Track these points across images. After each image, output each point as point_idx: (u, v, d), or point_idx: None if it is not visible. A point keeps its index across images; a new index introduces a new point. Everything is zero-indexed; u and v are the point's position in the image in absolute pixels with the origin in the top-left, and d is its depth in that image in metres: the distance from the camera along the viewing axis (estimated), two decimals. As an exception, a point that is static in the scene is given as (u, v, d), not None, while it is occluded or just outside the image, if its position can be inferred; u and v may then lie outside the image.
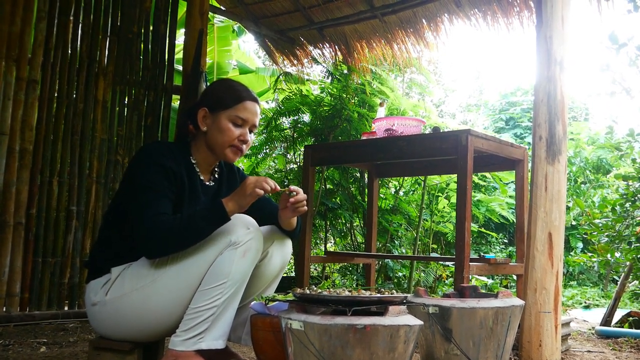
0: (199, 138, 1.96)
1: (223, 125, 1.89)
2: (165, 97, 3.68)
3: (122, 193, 1.88)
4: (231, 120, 1.90)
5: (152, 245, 1.73)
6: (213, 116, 1.91)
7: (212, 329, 1.76)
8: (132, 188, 1.80)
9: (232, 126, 1.90)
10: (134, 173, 1.83)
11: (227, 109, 1.90)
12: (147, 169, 1.80)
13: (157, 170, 1.79)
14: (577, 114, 13.50)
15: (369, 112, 4.87)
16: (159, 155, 1.83)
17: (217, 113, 1.91)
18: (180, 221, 1.72)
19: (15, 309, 2.98)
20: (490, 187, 6.72)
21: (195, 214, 1.73)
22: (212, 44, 6.86)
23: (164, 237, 1.71)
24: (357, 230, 5.29)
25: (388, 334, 1.45)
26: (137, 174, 1.81)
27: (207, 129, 1.92)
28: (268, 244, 1.98)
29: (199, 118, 1.92)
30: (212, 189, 2.01)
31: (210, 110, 1.92)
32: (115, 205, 1.92)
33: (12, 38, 3.00)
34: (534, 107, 2.45)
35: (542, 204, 2.34)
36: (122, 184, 1.93)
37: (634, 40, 3.24)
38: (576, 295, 6.12)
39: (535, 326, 2.29)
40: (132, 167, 1.87)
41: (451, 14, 4.02)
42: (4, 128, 2.96)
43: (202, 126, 1.92)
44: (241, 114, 1.91)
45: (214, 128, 1.90)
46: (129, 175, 1.87)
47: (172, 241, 1.72)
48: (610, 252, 3.44)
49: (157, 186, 1.77)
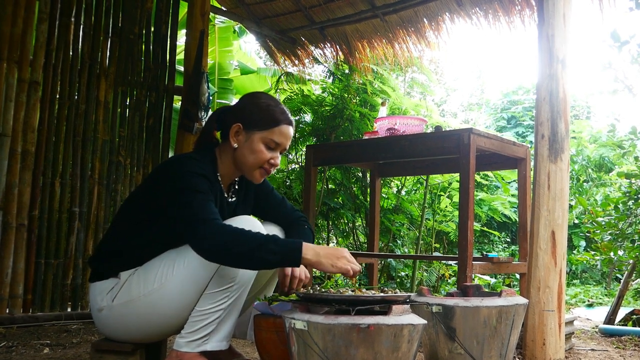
0: (226, 151, 1.89)
1: (256, 147, 1.83)
2: (167, 98, 3.68)
3: (141, 202, 1.84)
4: (265, 143, 1.84)
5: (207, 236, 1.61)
6: (246, 134, 1.84)
7: (217, 331, 1.76)
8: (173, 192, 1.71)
9: (265, 148, 1.84)
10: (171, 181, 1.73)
11: (263, 131, 1.83)
12: (186, 175, 1.72)
13: (199, 177, 1.73)
14: (579, 112, 13.48)
15: (371, 111, 4.87)
16: (193, 166, 1.75)
17: (252, 132, 1.84)
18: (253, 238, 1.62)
19: (19, 310, 2.98)
20: (493, 185, 6.72)
21: (269, 241, 1.63)
22: (213, 45, 6.86)
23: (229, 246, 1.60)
24: (360, 230, 5.29)
25: (392, 334, 1.44)
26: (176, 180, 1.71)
27: (239, 146, 1.85)
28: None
29: (232, 133, 1.85)
30: (232, 204, 1.96)
31: (245, 128, 1.84)
32: (127, 213, 1.88)
33: (14, 40, 3.01)
34: (536, 105, 2.45)
35: (545, 203, 2.34)
36: (138, 194, 1.88)
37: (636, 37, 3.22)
38: (579, 293, 6.11)
39: (539, 325, 2.28)
40: (163, 176, 1.78)
41: (452, 13, 4.02)
42: (6, 130, 2.96)
43: (233, 142, 1.85)
44: (276, 138, 1.84)
45: (246, 147, 1.84)
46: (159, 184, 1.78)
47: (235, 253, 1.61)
48: (614, 251, 3.43)
49: (202, 188, 1.70)
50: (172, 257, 1.78)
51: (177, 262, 1.76)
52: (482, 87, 16.97)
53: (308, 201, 3.35)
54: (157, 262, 1.79)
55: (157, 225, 1.79)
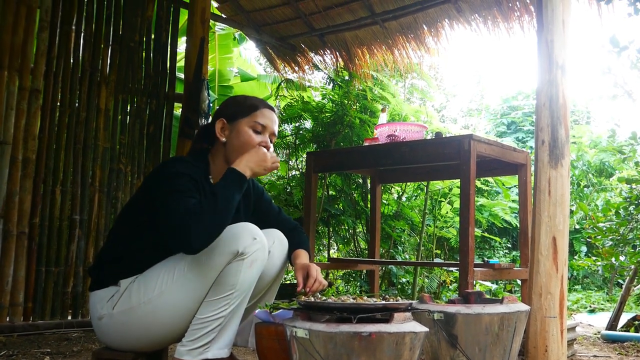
0: (217, 151, 1.93)
1: (243, 133, 1.87)
2: (167, 105, 3.69)
3: (140, 205, 1.85)
4: (251, 127, 1.88)
5: (191, 234, 1.61)
6: (231, 126, 1.89)
7: (218, 339, 1.75)
8: (158, 195, 1.73)
9: (253, 132, 1.88)
10: (158, 183, 1.77)
11: (246, 117, 1.89)
12: (171, 177, 1.75)
13: (182, 177, 1.75)
14: (579, 117, 13.50)
15: (371, 118, 4.87)
16: (181, 167, 1.78)
17: (236, 122, 1.88)
18: (206, 200, 1.65)
19: (19, 318, 2.97)
20: (493, 191, 6.71)
21: (215, 188, 1.68)
22: (213, 52, 6.88)
23: (199, 220, 1.62)
24: (360, 237, 5.28)
25: (393, 341, 1.44)
26: (162, 182, 1.75)
27: (227, 139, 1.89)
28: (269, 243, 1.96)
29: (217, 129, 1.89)
30: None
31: (229, 121, 1.89)
32: (126, 218, 1.89)
33: (15, 48, 3.01)
34: (536, 111, 2.44)
35: (546, 208, 2.33)
36: (136, 198, 1.89)
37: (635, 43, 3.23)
38: (581, 299, 6.10)
39: (541, 331, 2.28)
40: (153, 179, 1.82)
41: (452, 19, 4.03)
42: (7, 137, 2.96)
43: (220, 137, 1.89)
44: (260, 120, 1.89)
45: (234, 137, 1.88)
46: (150, 187, 1.81)
47: (209, 221, 1.62)
48: (615, 256, 3.43)
49: (183, 187, 1.72)
50: (171, 264, 1.78)
51: (177, 270, 1.76)
52: (481, 93, 17.00)
53: (309, 207, 3.34)
54: (157, 269, 1.79)
55: (156, 228, 1.79)
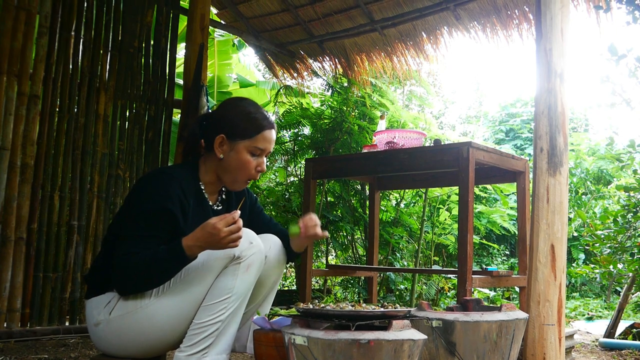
0: (210, 161, 1.93)
1: (242, 156, 1.88)
2: (166, 111, 3.69)
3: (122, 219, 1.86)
4: (250, 151, 1.89)
5: (120, 282, 1.76)
6: (230, 144, 1.88)
7: (216, 344, 1.75)
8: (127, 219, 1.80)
9: (251, 157, 1.89)
10: (132, 204, 1.81)
11: (246, 139, 1.88)
12: (143, 204, 1.77)
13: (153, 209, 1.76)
14: (577, 125, 13.52)
15: (370, 124, 4.88)
16: (159, 192, 1.78)
17: (236, 142, 1.88)
18: (144, 259, 1.70)
19: (17, 324, 2.96)
20: (491, 198, 6.71)
21: (159, 253, 1.70)
22: (212, 58, 6.90)
23: (130, 275, 1.71)
24: (359, 243, 5.27)
25: (392, 349, 1.44)
26: (133, 206, 1.80)
27: (224, 156, 1.89)
28: (266, 248, 1.97)
29: (216, 144, 1.88)
30: (220, 212, 1.98)
31: (228, 138, 1.88)
32: (116, 226, 1.89)
33: (14, 53, 3.02)
34: (535, 119, 2.45)
35: (544, 216, 2.33)
36: (122, 210, 1.90)
37: (633, 51, 3.24)
38: (579, 306, 6.09)
39: (539, 339, 2.27)
40: (132, 197, 1.84)
41: (450, 26, 4.05)
42: (5, 143, 2.96)
43: (218, 153, 1.88)
44: (260, 145, 1.89)
45: (232, 158, 1.88)
46: (128, 205, 1.84)
47: (138, 279, 1.72)
48: (613, 264, 3.43)
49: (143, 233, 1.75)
50: None
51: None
52: (480, 100, 17.03)
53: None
54: None
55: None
